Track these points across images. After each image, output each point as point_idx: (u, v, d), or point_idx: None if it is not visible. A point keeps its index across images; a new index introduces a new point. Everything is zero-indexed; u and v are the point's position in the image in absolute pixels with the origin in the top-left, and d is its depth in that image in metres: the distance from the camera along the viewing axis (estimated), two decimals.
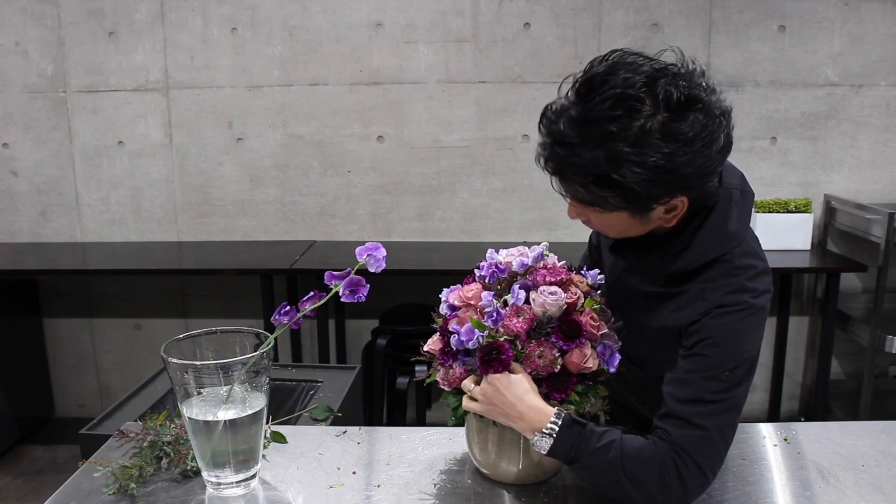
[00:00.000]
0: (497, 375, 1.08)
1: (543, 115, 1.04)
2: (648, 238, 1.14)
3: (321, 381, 1.99)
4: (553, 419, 1.06)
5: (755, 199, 1.27)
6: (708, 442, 1.05)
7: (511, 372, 1.09)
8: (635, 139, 0.96)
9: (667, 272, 1.14)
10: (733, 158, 1.12)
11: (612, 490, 1.07)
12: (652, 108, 0.97)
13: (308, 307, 1.12)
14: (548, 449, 1.06)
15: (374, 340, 3.00)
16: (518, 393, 1.07)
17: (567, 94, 1.04)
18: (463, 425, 1.22)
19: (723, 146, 1.02)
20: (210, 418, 1.08)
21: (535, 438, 1.07)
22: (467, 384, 1.12)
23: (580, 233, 3.42)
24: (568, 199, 1.10)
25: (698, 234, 1.10)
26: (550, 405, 1.08)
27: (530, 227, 3.23)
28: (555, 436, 1.05)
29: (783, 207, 3.01)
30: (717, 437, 1.05)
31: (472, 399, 1.12)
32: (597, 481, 1.08)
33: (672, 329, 1.14)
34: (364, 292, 1.11)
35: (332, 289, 1.12)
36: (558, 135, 1.00)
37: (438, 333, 1.16)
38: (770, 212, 2.99)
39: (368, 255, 1.10)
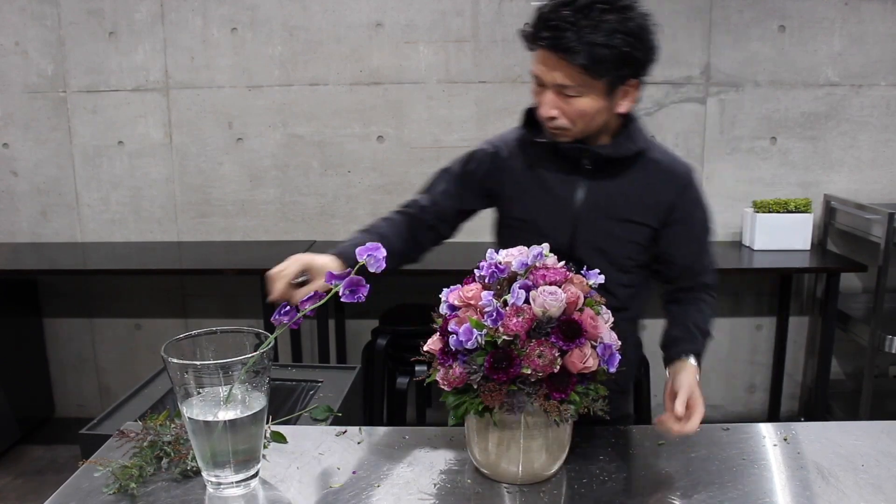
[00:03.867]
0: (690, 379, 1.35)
1: (539, 15, 1.31)
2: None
3: (321, 381, 1.98)
4: (693, 363, 1.40)
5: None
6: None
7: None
8: (618, 10, 1.28)
9: (612, 154, 1.43)
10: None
11: None
12: None
13: (308, 307, 1.12)
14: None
15: (374, 340, 3.00)
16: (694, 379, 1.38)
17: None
18: (463, 425, 1.22)
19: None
20: (210, 418, 1.08)
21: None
22: (680, 409, 1.29)
23: None
24: (549, 88, 1.36)
25: (630, 125, 1.44)
26: (550, 406, 1.09)
27: None
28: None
29: (783, 207, 3.01)
30: None
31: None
32: None
33: (643, 204, 1.45)
34: (364, 292, 1.11)
35: (332, 289, 1.12)
36: (561, 18, 1.27)
37: (438, 333, 1.16)
38: (770, 212, 2.99)
39: (368, 255, 1.11)
